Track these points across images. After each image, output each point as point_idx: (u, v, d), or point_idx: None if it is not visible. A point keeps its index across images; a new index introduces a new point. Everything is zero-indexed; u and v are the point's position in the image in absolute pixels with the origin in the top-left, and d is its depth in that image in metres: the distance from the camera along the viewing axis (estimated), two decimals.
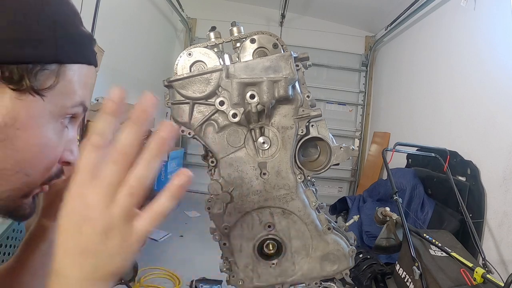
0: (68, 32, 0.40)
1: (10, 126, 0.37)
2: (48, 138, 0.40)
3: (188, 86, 0.62)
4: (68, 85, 0.40)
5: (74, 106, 0.42)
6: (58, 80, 0.38)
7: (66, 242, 0.36)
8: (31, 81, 0.36)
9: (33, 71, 0.36)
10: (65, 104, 0.41)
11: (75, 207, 0.36)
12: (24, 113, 0.37)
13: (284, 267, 0.66)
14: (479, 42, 2.56)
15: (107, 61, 2.65)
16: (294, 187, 0.64)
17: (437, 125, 3.06)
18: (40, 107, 0.38)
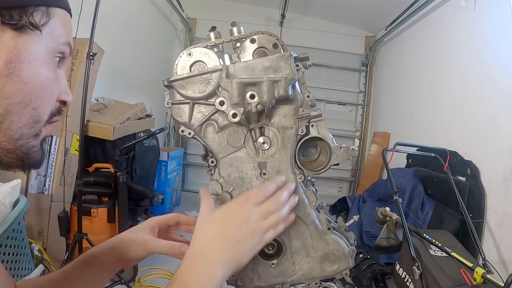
0: None
1: (14, 61, 0.43)
2: (48, 71, 0.47)
3: (188, 86, 0.62)
4: (57, 24, 0.48)
5: (63, 44, 0.49)
6: (49, 18, 0.46)
7: (220, 233, 0.53)
8: (29, 19, 0.44)
9: (28, 12, 0.44)
10: (57, 40, 0.48)
11: (239, 213, 0.55)
12: (25, 48, 0.44)
13: (284, 267, 0.66)
14: (479, 42, 2.56)
15: (107, 61, 2.65)
16: None
17: (437, 125, 3.06)
18: (38, 41, 0.45)
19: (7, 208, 1.55)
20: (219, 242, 0.53)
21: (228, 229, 0.54)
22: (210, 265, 0.51)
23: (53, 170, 2.17)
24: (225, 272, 0.52)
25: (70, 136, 2.26)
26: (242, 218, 0.54)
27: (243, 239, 0.54)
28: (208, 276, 0.50)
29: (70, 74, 2.26)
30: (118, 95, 3.26)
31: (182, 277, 0.50)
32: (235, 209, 0.56)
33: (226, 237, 0.53)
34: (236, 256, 0.53)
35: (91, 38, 2.07)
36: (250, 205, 0.56)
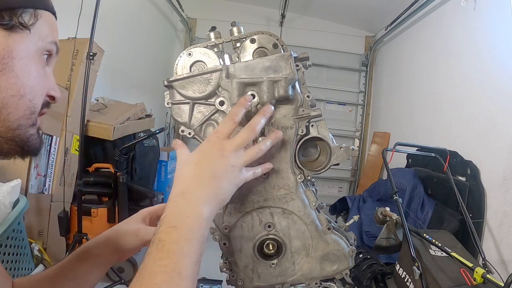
0: None
1: (7, 57, 0.47)
2: (37, 67, 0.51)
3: (188, 86, 0.62)
4: (43, 25, 0.52)
5: (50, 43, 0.54)
6: (36, 19, 0.50)
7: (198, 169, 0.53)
8: (19, 19, 0.48)
9: (18, 13, 0.48)
10: (44, 39, 0.52)
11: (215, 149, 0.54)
12: (16, 45, 0.48)
13: (284, 267, 0.66)
14: (479, 42, 2.56)
15: (107, 61, 2.65)
16: (294, 187, 0.64)
17: (437, 125, 3.05)
18: (27, 40, 0.49)
19: (7, 208, 1.55)
20: (197, 180, 0.53)
21: (204, 166, 0.54)
22: (192, 203, 0.51)
23: (53, 170, 2.17)
24: (209, 209, 0.52)
25: (70, 136, 2.26)
26: (216, 152, 0.54)
27: (221, 173, 0.53)
28: (192, 214, 0.50)
29: (70, 74, 2.26)
30: (118, 95, 3.26)
31: (166, 219, 0.49)
32: (208, 146, 0.55)
33: (203, 174, 0.53)
34: (217, 191, 0.53)
35: (91, 38, 2.07)
36: (222, 138, 0.55)
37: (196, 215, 0.50)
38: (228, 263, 0.66)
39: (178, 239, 0.47)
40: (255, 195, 0.64)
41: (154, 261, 0.46)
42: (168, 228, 0.48)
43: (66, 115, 2.22)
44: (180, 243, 0.47)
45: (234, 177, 0.55)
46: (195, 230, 0.49)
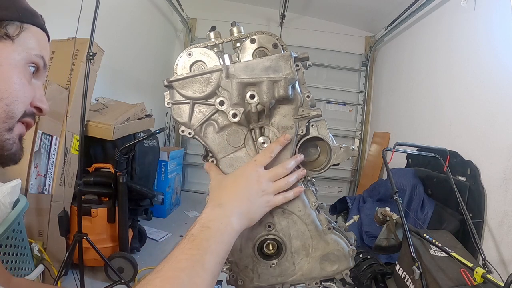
0: (23, 4, 0.57)
1: None
2: (19, 75, 0.53)
3: (188, 86, 0.62)
4: (30, 38, 0.55)
5: (36, 55, 0.56)
6: (21, 31, 0.54)
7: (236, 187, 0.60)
8: (3, 30, 0.51)
9: (3, 24, 0.52)
10: (29, 51, 0.55)
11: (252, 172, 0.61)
12: None
13: (284, 267, 0.66)
14: (479, 42, 2.56)
15: (107, 61, 2.65)
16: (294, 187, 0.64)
17: (437, 125, 3.05)
18: (10, 48, 0.52)
19: (7, 208, 1.55)
20: (234, 196, 0.59)
21: (241, 186, 0.60)
22: (227, 214, 0.57)
23: (53, 170, 2.17)
24: (240, 222, 0.58)
25: (70, 136, 2.26)
26: (253, 178, 0.61)
27: (255, 197, 0.60)
28: (225, 222, 0.56)
29: (70, 74, 2.26)
30: (118, 95, 3.26)
31: (202, 221, 0.55)
32: (246, 170, 0.62)
33: (240, 192, 0.60)
34: (249, 210, 0.59)
35: (91, 38, 2.07)
36: (259, 166, 0.62)
37: (229, 224, 0.56)
38: (228, 263, 0.66)
39: (208, 238, 0.52)
40: None
41: (182, 249, 0.50)
42: (202, 227, 0.54)
43: (66, 115, 2.21)
44: (210, 241, 0.52)
45: (264, 202, 0.61)
46: (225, 236, 0.55)
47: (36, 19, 0.58)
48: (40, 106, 0.58)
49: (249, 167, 0.62)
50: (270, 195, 0.62)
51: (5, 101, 0.52)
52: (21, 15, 0.55)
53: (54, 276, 1.94)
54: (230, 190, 0.60)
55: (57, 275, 1.93)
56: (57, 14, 2.36)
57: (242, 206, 0.59)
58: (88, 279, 2.29)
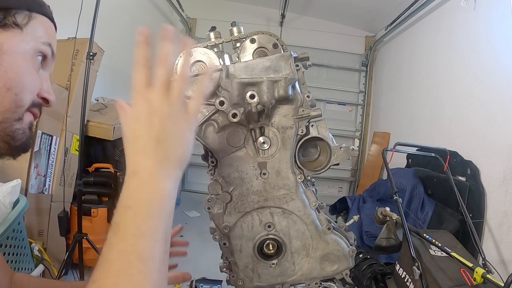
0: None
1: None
2: (27, 65, 0.52)
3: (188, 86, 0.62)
4: (38, 27, 0.54)
5: (44, 44, 0.55)
6: (30, 20, 0.53)
7: (137, 142, 0.45)
8: (12, 19, 0.51)
9: (12, 13, 0.51)
10: (37, 40, 0.54)
11: (141, 109, 0.46)
12: (7, 42, 0.50)
13: (284, 267, 0.66)
14: (479, 42, 2.56)
15: (107, 61, 2.65)
16: (294, 187, 0.64)
17: (437, 125, 3.05)
18: (19, 37, 0.51)
19: (7, 208, 1.55)
20: (141, 151, 0.45)
21: (142, 133, 0.45)
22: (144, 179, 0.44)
23: (53, 170, 2.17)
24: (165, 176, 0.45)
25: (70, 136, 2.26)
26: (145, 111, 0.45)
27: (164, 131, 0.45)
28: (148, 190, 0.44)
29: (70, 74, 2.26)
30: (118, 95, 3.25)
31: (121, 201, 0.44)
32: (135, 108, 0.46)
33: (145, 141, 0.45)
34: (169, 154, 0.45)
35: (91, 38, 2.07)
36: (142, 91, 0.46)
37: (151, 191, 0.44)
38: (228, 263, 0.66)
39: (134, 219, 0.42)
40: (255, 195, 0.64)
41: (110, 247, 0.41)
42: (123, 209, 0.43)
43: (66, 115, 2.21)
44: (137, 222, 0.42)
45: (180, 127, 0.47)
46: (152, 206, 0.43)
47: (44, 8, 0.57)
48: (47, 97, 0.56)
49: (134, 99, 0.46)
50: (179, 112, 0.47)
51: (14, 91, 0.51)
52: (29, 4, 0.54)
53: (54, 276, 1.94)
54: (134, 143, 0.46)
55: (57, 275, 1.93)
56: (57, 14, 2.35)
57: (156, 156, 0.44)
58: (88, 279, 2.28)
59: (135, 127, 0.46)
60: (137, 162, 0.45)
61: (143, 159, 0.45)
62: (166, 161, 0.45)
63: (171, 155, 0.45)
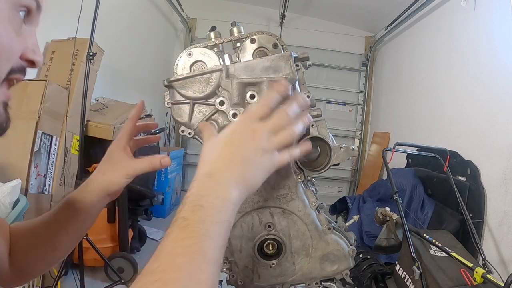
0: None
1: None
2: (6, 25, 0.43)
3: (188, 86, 0.62)
4: None
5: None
6: None
7: (228, 151, 0.49)
8: None
9: None
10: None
11: (246, 129, 0.50)
12: None
13: (284, 267, 0.66)
14: (479, 42, 2.56)
15: (107, 61, 2.65)
16: (294, 187, 0.64)
17: (437, 125, 3.06)
18: None
19: (7, 208, 1.55)
20: (226, 161, 0.49)
21: (234, 148, 0.50)
22: (220, 185, 0.47)
23: (53, 170, 2.17)
24: (238, 193, 0.47)
25: (70, 136, 2.26)
26: (247, 134, 0.50)
27: (252, 157, 0.49)
28: (220, 196, 0.46)
29: (70, 74, 2.26)
30: (118, 95, 3.26)
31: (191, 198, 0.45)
32: (239, 127, 0.51)
33: (233, 155, 0.49)
34: (246, 175, 0.49)
35: (91, 38, 2.07)
36: (254, 120, 0.51)
37: (224, 198, 0.46)
38: (228, 263, 0.66)
39: (203, 220, 0.43)
40: (255, 195, 0.64)
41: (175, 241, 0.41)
42: (194, 207, 0.44)
43: (66, 115, 2.22)
44: (206, 223, 0.43)
45: (264, 161, 0.50)
46: (223, 213, 0.45)
47: None
48: (33, 58, 0.47)
49: (242, 121, 0.52)
50: (272, 153, 0.51)
51: None
52: None
53: (54, 276, 1.94)
54: (221, 153, 0.50)
55: (57, 275, 1.93)
56: (57, 14, 2.36)
57: (238, 171, 0.48)
58: (88, 279, 2.28)
59: (230, 139, 0.50)
60: (216, 167, 0.48)
61: (224, 167, 0.48)
62: (243, 180, 0.48)
63: (248, 177, 0.49)
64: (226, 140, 0.51)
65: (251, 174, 0.49)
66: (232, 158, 0.49)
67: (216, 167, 0.48)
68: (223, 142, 0.51)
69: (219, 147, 0.50)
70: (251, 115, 0.52)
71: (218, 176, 0.47)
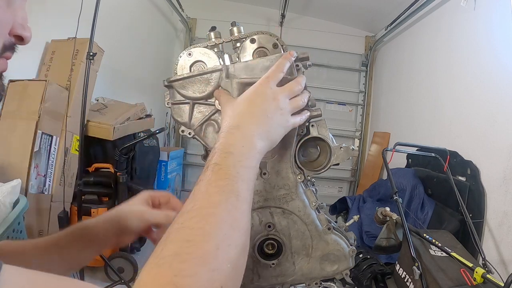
0: None
1: None
2: None
3: (188, 86, 0.62)
4: None
5: None
6: None
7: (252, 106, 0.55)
8: None
9: None
10: None
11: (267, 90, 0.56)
12: None
13: (284, 267, 0.66)
14: (479, 42, 2.56)
15: (107, 61, 2.65)
16: (294, 187, 0.64)
17: (437, 125, 3.05)
18: None
19: (7, 208, 1.55)
20: (252, 116, 0.54)
21: (257, 106, 0.55)
22: (247, 135, 0.52)
23: (53, 170, 2.17)
24: (262, 143, 0.52)
25: (70, 136, 2.26)
26: (269, 96, 0.56)
27: (273, 115, 0.55)
28: (247, 144, 0.50)
29: (70, 74, 2.26)
30: (118, 95, 3.26)
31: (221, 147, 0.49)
32: (260, 88, 0.57)
33: (257, 112, 0.54)
34: (269, 130, 0.54)
35: (91, 38, 2.07)
36: (272, 83, 0.57)
37: (251, 147, 0.51)
38: None
39: (235, 164, 0.47)
40: (255, 195, 0.64)
41: (209, 182, 0.45)
42: (224, 154, 0.48)
43: (66, 115, 2.22)
44: (237, 167, 0.47)
45: (283, 120, 0.56)
46: (250, 159, 0.50)
47: None
48: (22, 34, 0.43)
49: (262, 84, 0.57)
50: (288, 114, 0.57)
51: None
52: None
53: None
54: (245, 110, 0.55)
55: None
56: (57, 14, 2.36)
57: (261, 125, 0.53)
58: (88, 279, 2.28)
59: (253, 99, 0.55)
60: (243, 120, 0.53)
61: (250, 121, 0.53)
62: (266, 133, 0.53)
63: (270, 132, 0.54)
64: (250, 99, 0.56)
65: (273, 130, 0.55)
66: (257, 113, 0.54)
67: (242, 120, 0.53)
68: (247, 100, 0.56)
69: (244, 104, 0.55)
70: (268, 78, 0.57)
71: (245, 128, 0.52)
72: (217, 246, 0.39)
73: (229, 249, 0.40)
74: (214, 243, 0.39)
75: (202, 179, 0.46)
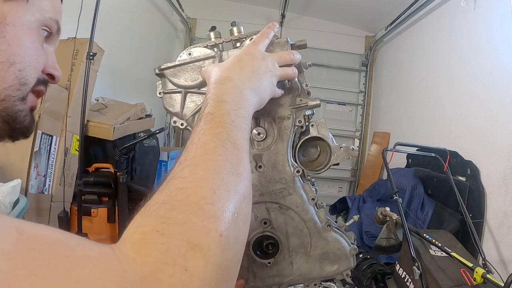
0: None
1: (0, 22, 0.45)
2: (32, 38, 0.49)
3: (180, 74, 0.61)
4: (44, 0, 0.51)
5: (50, 19, 0.51)
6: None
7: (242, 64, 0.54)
8: None
9: None
10: (43, 13, 0.50)
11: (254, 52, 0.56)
12: (11, 12, 0.46)
13: (281, 267, 0.64)
14: (479, 42, 2.55)
15: (107, 61, 2.64)
16: (291, 181, 0.62)
17: (437, 125, 3.05)
18: (24, 9, 0.47)
19: (7, 208, 1.55)
20: (243, 70, 0.53)
21: (246, 61, 0.55)
22: (239, 86, 0.51)
23: (53, 170, 2.17)
24: (253, 98, 0.52)
25: (70, 136, 2.26)
26: (257, 55, 0.56)
27: (263, 73, 0.54)
28: (239, 95, 0.49)
29: (70, 74, 2.26)
30: (118, 95, 3.26)
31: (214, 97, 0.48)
32: (248, 49, 0.57)
33: (248, 68, 0.54)
34: (259, 86, 0.53)
35: (91, 38, 2.07)
36: (260, 47, 0.58)
37: (243, 98, 0.49)
38: None
39: (229, 112, 0.46)
40: None
41: (203, 131, 0.42)
42: (217, 103, 0.47)
43: (66, 115, 2.21)
44: (232, 116, 0.46)
45: (271, 82, 0.56)
46: (243, 109, 0.48)
47: None
48: (53, 73, 0.54)
49: (250, 46, 0.58)
50: (276, 79, 0.57)
51: (18, 66, 0.47)
52: None
53: None
54: (235, 65, 0.54)
55: None
56: None
57: (252, 79, 0.53)
58: None
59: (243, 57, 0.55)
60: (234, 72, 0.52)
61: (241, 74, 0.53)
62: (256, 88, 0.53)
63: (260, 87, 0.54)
64: (239, 57, 0.56)
65: (263, 87, 0.54)
66: (247, 69, 0.54)
67: (234, 72, 0.53)
68: (235, 58, 0.56)
69: (232, 61, 0.55)
70: (255, 42, 0.58)
71: (237, 80, 0.51)
72: (213, 190, 0.36)
73: (229, 195, 0.37)
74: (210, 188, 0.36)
75: (195, 131, 0.43)
